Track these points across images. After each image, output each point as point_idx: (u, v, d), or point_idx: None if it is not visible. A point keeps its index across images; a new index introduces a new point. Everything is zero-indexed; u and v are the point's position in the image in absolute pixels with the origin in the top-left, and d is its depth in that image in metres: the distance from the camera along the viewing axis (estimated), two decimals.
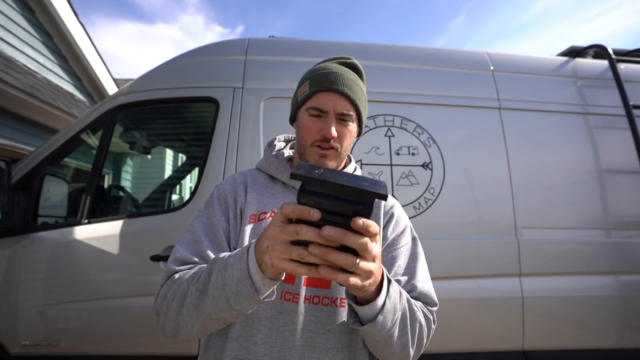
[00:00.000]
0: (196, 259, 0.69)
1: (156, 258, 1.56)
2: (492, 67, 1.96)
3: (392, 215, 0.79)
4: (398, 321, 0.60)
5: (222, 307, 0.56)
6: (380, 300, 0.56)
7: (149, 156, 6.34)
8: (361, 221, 0.42)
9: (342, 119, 0.74)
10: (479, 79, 1.92)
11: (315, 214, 0.42)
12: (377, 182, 0.44)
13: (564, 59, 2.09)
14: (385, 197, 0.41)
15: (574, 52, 2.23)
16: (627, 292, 1.73)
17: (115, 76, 5.83)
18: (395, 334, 0.61)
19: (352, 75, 0.76)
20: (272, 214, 0.73)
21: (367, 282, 0.48)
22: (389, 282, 0.58)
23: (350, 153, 0.90)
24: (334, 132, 0.71)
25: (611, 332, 1.72)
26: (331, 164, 0.75)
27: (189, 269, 0.67)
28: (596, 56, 2.21)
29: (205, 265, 0.65)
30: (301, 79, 0.80)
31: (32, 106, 3.65)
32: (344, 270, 0.45)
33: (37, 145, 2.93)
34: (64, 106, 4.05)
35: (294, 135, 0.93)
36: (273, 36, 2.07)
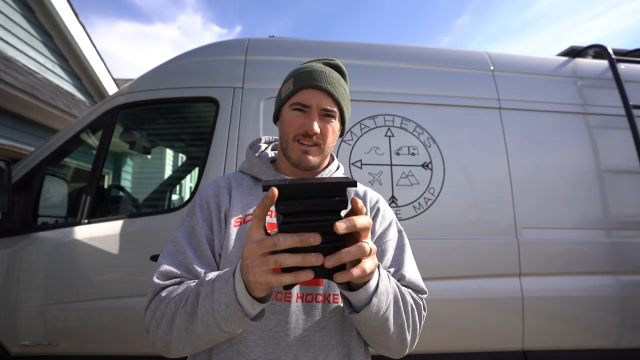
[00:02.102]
0: (180, 272, 0.68)
1: (156, 258, 1.56)
2: (492, 67, 1.96)
3: (378, 209, 0.80)
4: (392, 303, 0.61)
5: (212, 331, 0.56)
6: (373, 283, 0.56)
7: (149, 156, 6.34)
8: (344, 224, 0.44)
9: (325, 115, 0.74)
10: (479, 79, 1.92)
11: (314, 238, 0.43)
12: (335, 178, 0.48)
13: (564, 59, 2.09)
14: (354, 184, 0.44)
15: (574, 52, 2.23)
16: (627, 292, 1.73)
17: (115, 76, 5.84)
18: (391, 316, 0.61)
19: (336, 74, 0.78)
20: None
21: (369, 275, 0.51)
22: (378, 265, 0.59)
23: (349, 154, 0.90)
24: (316, 128, 0.72)
25: (611, 332, 1.72)
26: (314, 160, 0.75)
27: (175, 283, 0.66)
28: (596, 56, 2.21)
29: (191, 280, 0.66)
30: (285, 77, 0.82)
31: (32, 106, 3.65)
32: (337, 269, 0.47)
33: (37, 145, 2.93)
34: (64, 106, 4.05)
35: (275, 137, 0.94)
36: (273, 36, 2.07)
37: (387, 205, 0.84)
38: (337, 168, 0.86)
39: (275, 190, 0.42)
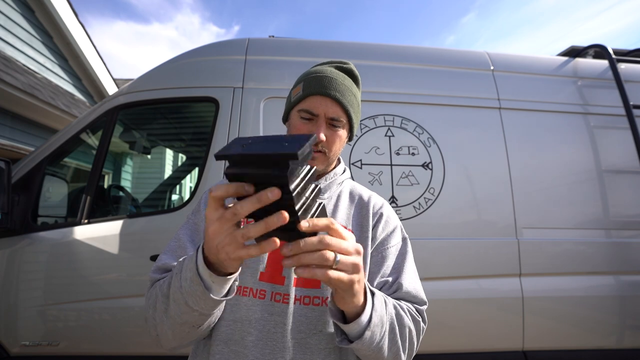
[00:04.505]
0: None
1: (156, 258, 1.56)
2: (492, 67, 1.96)
3: (381, 215, 0.78)
4: (387, 333, 0.59)
5: (183, 310, 0.55)
6: (365, 316, 0.55)
7: (149, 156, 6.34)
8: (307, 223, 0.42)
9: (332, 124, 0.74)
10: (479, 79, 1.92)
11: (247, 188, 0.41)
12: (298, 138, 0.42)
13: (564, 58, 2.09)
14: (294, 155, 0.38)
15: (574, 52, 2.23)
16: (627, 292, 1.73)
17: (114, 76, 5.83)
18: (385, 346, 0.59)
19: (347, 81, 0.76)
20: None
21: (354, 277, 0.47)
22: (373, 294, 0.58)
23: (349, 154, 0.89)
24: (322, 137, 0.72)
25: (611, 332, 1.72)
26: (319, 167, 0.76)
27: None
28: (596, 56, 2.21)
29: None
30: (297, 80, 0.81)
31: (32, 106, 3.65)
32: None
33: (37, 145, 2.93)
34: (63, 106, 4.05)
35: None
36: (273, 36, 2.07)
37: (392, 211, 0.82)
38: (344, 171, 0.85)
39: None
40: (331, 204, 0.78)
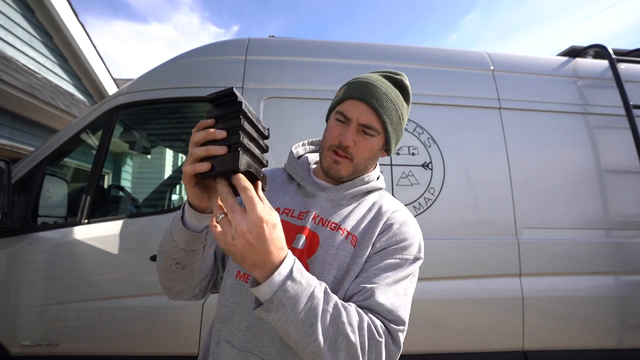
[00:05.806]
0: None
1: (156, 258, 1.56)
2: (492, 67, 1.96)
3: (390, 226, 0.73)
4: (299, 323, 0.53)
5: (167, 238, 0.66)
6: (266, 288, 0.51)
7: (149, 156, 6.33)
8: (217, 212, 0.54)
9: (364, 131, 0.72)
10: (479, 79, 1.92)
11: (209, 121, 0.54)
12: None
13: (564, 58, 2.09)
14: (210, 98, 0.54)
15: (574, 52, 2.23)
16: (627, 292, 1.73)
17: (114, 76, 5.83)
18: (293, 334, 0.54)
19: (392, 90, 0.74)
20: (284, 211, 0.75)
21: (245, 252, 0.50)
22: (293, 279, 0.53)
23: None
24: (349, 141, 0.70)
25: (611, 332, 1.72)
26: (343, 172, 0.74)
27: None
28: (596, 56, 2.21)
29: None
30: (344, 83, 0.80)
31: (32, 106, 3.65)
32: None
33: (37, 145, 2.93)
34: (63, 106, 4.05)
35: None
36: (273, 36, 2.07)
37: (408, 228, 0.73)
38: (377, 178, 0.81)
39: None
40: (347, 210, 0.75)
